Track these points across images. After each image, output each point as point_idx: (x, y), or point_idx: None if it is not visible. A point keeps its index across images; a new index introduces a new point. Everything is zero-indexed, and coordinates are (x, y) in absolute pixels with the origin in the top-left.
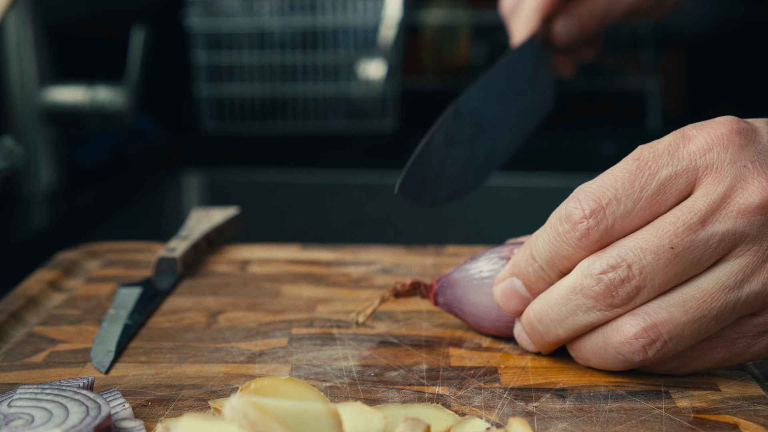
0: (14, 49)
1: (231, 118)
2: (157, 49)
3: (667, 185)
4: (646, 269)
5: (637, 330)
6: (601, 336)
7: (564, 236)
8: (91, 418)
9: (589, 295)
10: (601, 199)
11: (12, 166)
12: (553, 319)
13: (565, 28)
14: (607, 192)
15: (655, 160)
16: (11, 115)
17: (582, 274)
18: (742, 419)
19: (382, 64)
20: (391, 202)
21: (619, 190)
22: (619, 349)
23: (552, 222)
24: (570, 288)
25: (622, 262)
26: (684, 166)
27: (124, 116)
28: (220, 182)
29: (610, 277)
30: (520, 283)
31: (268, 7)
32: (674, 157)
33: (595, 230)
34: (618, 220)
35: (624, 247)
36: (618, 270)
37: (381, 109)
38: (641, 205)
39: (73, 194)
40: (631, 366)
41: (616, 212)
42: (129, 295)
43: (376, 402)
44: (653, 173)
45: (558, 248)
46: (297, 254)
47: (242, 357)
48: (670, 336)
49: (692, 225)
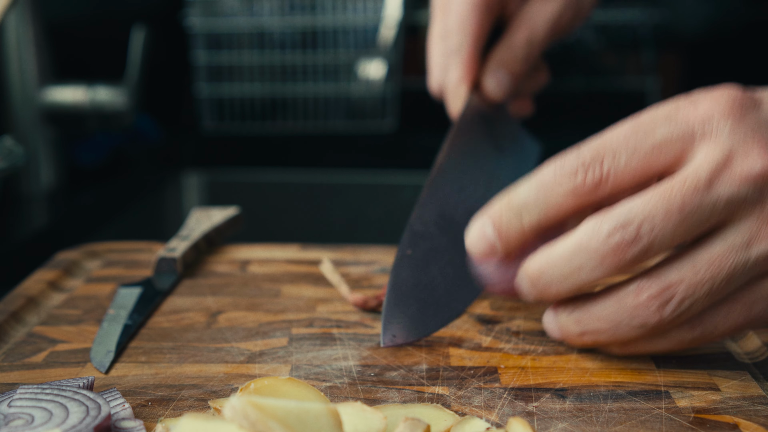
0: (14, 49)
1: (231, 118)
2: (157, 49)
3: (663, 146)
4: (656, 230)
5: (652, 291)
6: (614, 302)
7: (556, 185)
8: (91, 418)
9: (597, 255)
10: (598, 153)
11: (12, 166)
12: (554, 276)
13: (496, 83)
14: (604, 146)
15: (653, 122)
16: (11, 115)
17: (589, 233)
18: (742, 419)
19: (382, 64)
20: (391, 202)
21: (615, 145)
22: (634, 312)
23: (543, 172)
24: (576, 246)
25: (631, 222)
26: (681, 131)
27: (124, 116)
28: (220, 182)
29: (618, 238)
30: (491, 227)
31: (268, 7)
32: (672, 122)
33: (590, 180)
34: (612, 172)
35: (632, 207)
36: (627, 230)
37: (381, 109)
38: (635, 161)
39: (73, 194)
40: (645, 331)
41: (611, 165)
42: (129, 295)
43: (376, 402)
44: (649, 132)
45: (546, 197)
46: (297, 254)
47: (242, 357)
48: (683, 296)
49: (699, 187)
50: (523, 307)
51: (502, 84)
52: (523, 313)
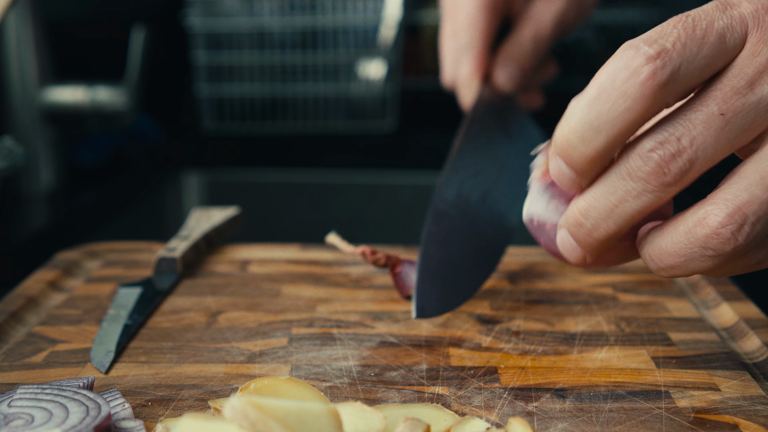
0: (14, 49)
1: (231, 118)
2: (157, 49)
3: (726, 34)
4: (697, 139)
5: (722, 218)
6: (683, 233)
7: (621, 87)
8: (91, 418)
9: (639, 177)
10: (664, 43)
11: (12, 166)
12: (601, 212)
13: (506, 76)
14: (670, 35)
15: (707, 14)
16: (11, 115)
17: (627, 156)
18: (742, 419)
19: (382, 64)
20: (391, 202)
21: (682, 34)
22: (707, 243)
23: (600, 78)
24: (616, 174)
25: (670, 136)
26: (738, 18)
27: (124, 116)
28: (220, 182)
29: (659, 154)
30: (563, 163)
31: (268, 7)
32: (725, 13)
33: (662, 72)
34: (685, 63)
35: (670, 119)
36: (667, 145)
37: (381, 109)
38: (705, 51)
39: (73, 194)
40: (720, 260)
41: (682, 54)
42: (129, 295)
43: (376, 402)
44: (710, 23)
45: (610, 108)
46: (297, 254)
47: (242, 357)
48: (756, 217)
49: (740, 89)
50: (523, 307)
51: (511, 77)
52: (523, 313)
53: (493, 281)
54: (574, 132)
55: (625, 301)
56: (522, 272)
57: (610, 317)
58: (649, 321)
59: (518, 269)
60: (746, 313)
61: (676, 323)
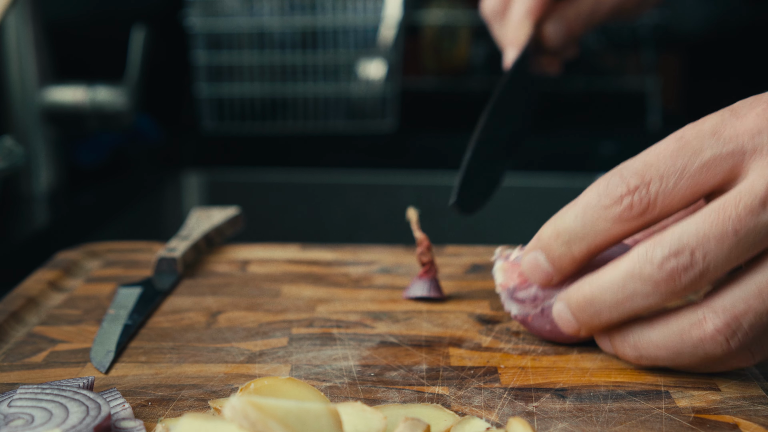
0: (14, 49)
1: (231, 118)
2: (157, 49)
3: (711, 166)
4: (710, 255)
5: (719, 325)
6: (676, 332)
7: (603, 211)
8: (91, 418)
9: (650, 282)
10: (644, 176)
11: (12, 166)
12: (606, 304)
13: (554, 32)
14: (650, 169)
15: (699, 140)
16: (11, 115)
17: (641, 259)
18: (742, 419)
19: (382, 64)
20: (391, 202)
21: (662, 167)
22: (700, 345)
23: (588, 197)
24: (628, 273)
25: (684, 248)
26: (730, 149)
27: (124, 116)
28: (220, 182)
29: (672, 265)
30: (544, 258)
31: (268, 7)
32: (720, 139)
33: (638, 206)
34: (660, 197)
35: (684, 232)
36: (681, 257)
37: (381, 109)
38: (683, 183)
39: (73, 194)
40: (708, 360)
41: (658, 189)
42: (129, 295)
43: (376, 402)
44: (696, 152)
45: (593, 224)
46: (297, 254)
47: (242, 357)
48: (750, 326)
49: (754, 208)
50: None
51: (558, 35)
52: None
53: (493, 281)
54: (560, 235)
55: None
56: None
57: None
58: None
59: None
60: None
61: None
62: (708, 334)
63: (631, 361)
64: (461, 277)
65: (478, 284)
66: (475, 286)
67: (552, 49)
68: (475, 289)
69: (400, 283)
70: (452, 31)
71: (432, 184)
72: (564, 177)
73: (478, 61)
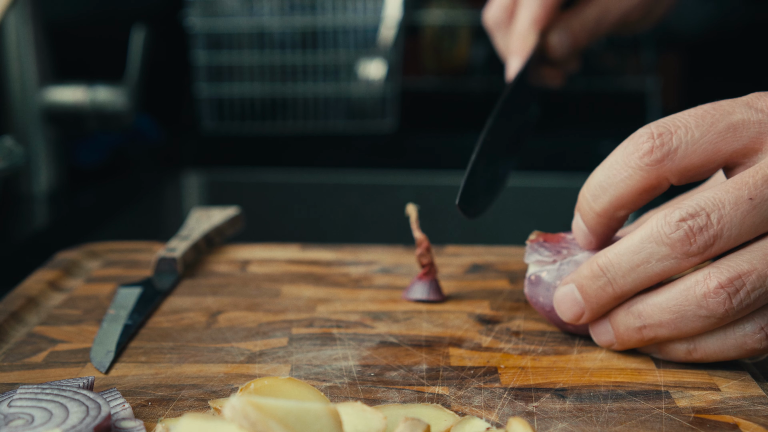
0: (14, 49)
1: (231, 118)
2: (157, 49)
3: (738, 128)
4: (725, 218)
5: (722, 279)
6: (680, 292)
7: (625, 158)
8: (91, 418)
9: (666, 243)
10: (670, 126)
11: (12, 166)
12: (621, 268)
13: (559, 42)
14: (678, 121)
15: (732, 105)
16: (11, 115)
17: (658, 222)
18: (742, 419)
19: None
20: (390, 202)
21: (690, 120)
22: (702, 301)
23: (615, 151)
24: (645, 235)
25: (701, 210)
26: (759, 118)
27: (124, 116)
28: (220, 182)
29: (689, 224)
30: (579, 218)
31: (268, 7)
32: (752, 107)
33: (658, 151)
34: (682, 145)
35: (701, 197)
36: (697, 218)
37: (381, 109)
38: (708, 138)
39: (73, 194)
40: (711, 322)
41: (682, 138)
42: (129, 295)
43: (376, 402)
44: (727, 113)
45: (616, 173)
46: (297, 254)
47: (242, 357)
48: (753, 286)
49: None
50: (523, 307)
51: (563, 45)
52: (523, 313)
53: (493, 281)
54: (588, 190)
55: None
56: (522, 272)
57: None
58: None
59: (518, 269)
60: None
61: None
62: (711, 289)
63: (633, 336)
64: (461, 277)
65: (478, 284)
66: (475, 286)
67: (557, 60)
68: (475, 289)
69: (400, 283)
70: (452, 31)
71: (432, 184)
72: (564, 177)
73: (478, 61)
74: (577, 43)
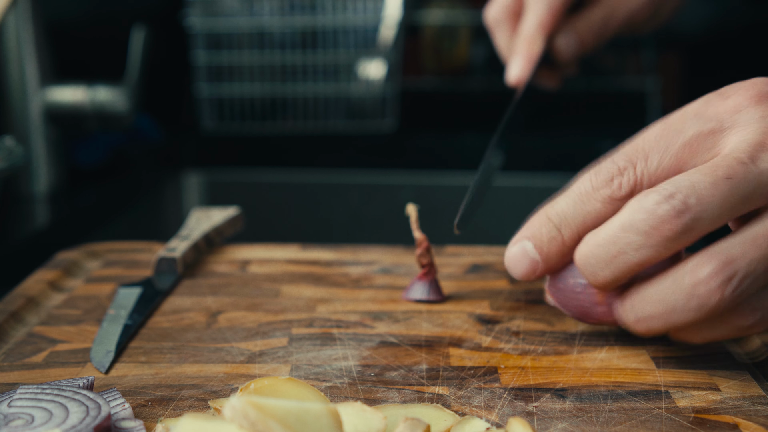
0: (14, 49)
1: (231, 118)
2: (157, 49)
3: (693, 143)
4: (704, 200)
5: (714, 267)
6: (670, 283)
7: (594, 193)
8: (91, 418)
9: (642, 230)
10: (630, 156)
11: (12, 166)
12: (600, 260)
13: (566, 45)
14: (636, 150)
15: (683, 121)
16: (11, 115)
17: (633, 208)
18: (742, 419)
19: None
20: (391, 202)
21: (647, 147)
22: (693, 291)
23: (579, 183)
24: (620, 225)
25: (677, 192)
26: (711, 127)
27: (124, 116)
28: (220, 182)
29: (665, 209)
30: (531, 246)
31: (268, 7)
32: (701, 118)
33: (626, 185)
34: (646, 175)
35: (677, 180)
36: (673, 200)
37: (381, 109)
38: (667, 161)
39: (73, 194)
40: (703, 313)
41: (644, 169)
42: (129, 295)
43: (376, 402)
44: (679, 132)
45: (584, 206)
46: (297, 254)
47: (242, 357)
48: (746, 273)
49: (743, 159)
50: (523, 307)
51: (570, 48)
52: (523, 313)
53: (493, 281)
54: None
55: None
56: None
57: None
58: None
59: None
60: None
61: None
62: (702, 278)
63: (632, 328)
64: (461, 277)
65: (478, 284)
66: (475, 286)
67: (563, 63)
68: (475, 289)
69: (400, 283)
70: (452, 31)
71: (432, 184)
72: (564, 177)
73: (478, 61)
74: (584, 45)
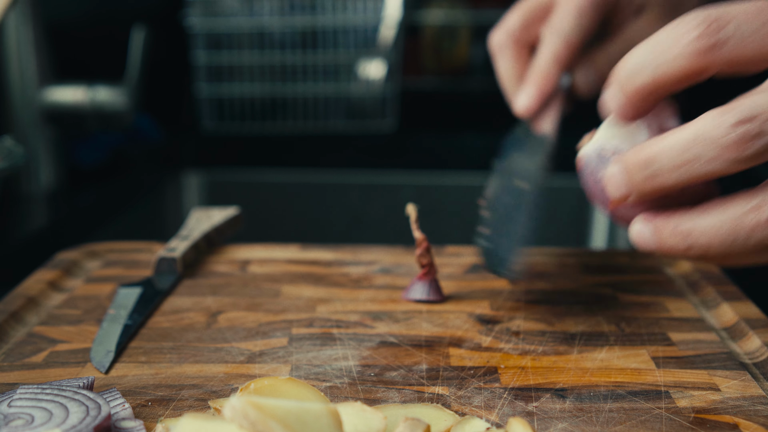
0: (14, 49)
1: (231, 118)
2: (157, 49)
3: None
4: None
5: None
6: (730, 218)
7: (677, 39)
8: (91, 418)
9: (717, 146)
10: (723, 14)
11: (12, 166)
12: (665, 165)
13: (585, 80)
14: (730, 13)
15: None
16: (11, 115)
17: (710, 123)
18: (742, 419)
19: (382, 64)
20: (391, 202)
21: (741, 15)
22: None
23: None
24: (694, 135)
25: (757, 116)
26: None
27: (124, 116)
28: (220, 182)
29: (744, 129)
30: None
31: (268, 7)
32: None
33: (711, 37)
34: (734, 37)
35: (757, 101)
36: (752, 123)
37: (381, 109)
38: (761, 34)
39: (73, 194)
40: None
41: (735, 29)
42: (129, 295)
43: (376, 402)
44: None
45: (662, 53)
46: (297, 254)
47: (242, 357)
48: None
49: None
50: (523, 307)
51: (590, 83)
52: (523, 313)
53: (493, 281)
54: (625, 69)
55: (625, 301)
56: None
57: (610, 317)
58: (649, 321)
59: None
60: (746, 313)
61: (676, 323)
62: (763, 219)
63: (677, 253)
64: (461, 277)
65: (478, 284)
66: (475, 286)
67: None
68: (475, 289)
69: (400, 283)
70: (452, 31)
71: (432, 184)
72: (564, 177)
73: (478, 61)
74: (604, 80)
